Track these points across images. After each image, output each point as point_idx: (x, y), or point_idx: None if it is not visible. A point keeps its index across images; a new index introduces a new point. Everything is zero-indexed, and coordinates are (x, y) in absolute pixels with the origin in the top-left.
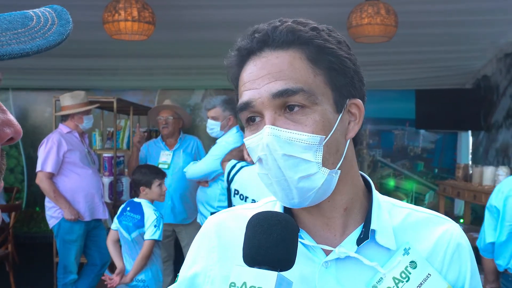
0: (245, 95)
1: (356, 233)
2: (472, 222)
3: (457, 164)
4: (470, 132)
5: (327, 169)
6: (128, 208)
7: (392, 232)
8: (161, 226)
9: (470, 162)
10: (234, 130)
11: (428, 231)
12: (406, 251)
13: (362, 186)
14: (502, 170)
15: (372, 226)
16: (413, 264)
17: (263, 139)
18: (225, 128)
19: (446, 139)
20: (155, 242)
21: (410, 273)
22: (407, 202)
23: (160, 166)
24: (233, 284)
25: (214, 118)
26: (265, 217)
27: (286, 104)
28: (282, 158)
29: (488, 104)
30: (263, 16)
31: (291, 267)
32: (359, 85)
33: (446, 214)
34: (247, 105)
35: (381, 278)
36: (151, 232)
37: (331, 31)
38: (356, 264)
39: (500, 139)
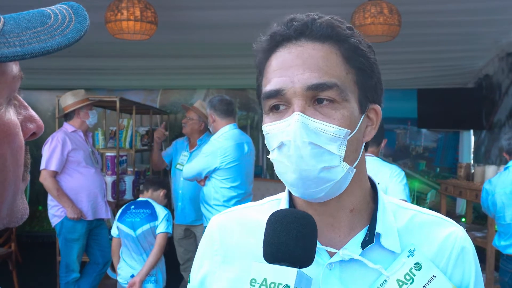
0: (276, 82)
1: (361, 235)
2: (474, 221)
3: (459, 163)
4: (472, 131)
5: (347, 165)
6: (133, 206)
7: (397, 235)
8: (171, 221)
9: (472, 161)
10: (226, 128)
11: (432, 234)
12: (411, 253)
13: (369, 188)
14: None
15: (377, 230)
16: (418, 265)
17: (291, 125)
18: (210, 126)
19: (448, 138)
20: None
21: (414, 275)
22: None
23: (178, 166)
24: (253, 281)
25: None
26: (284, 214)
27: (316, 97)
28: (309, 146)
29: (490, 103)
30: (266, 18)
31: (311, 263)
32: (380, 92)
33: (448, 213)
34: (277, 93)
35: (385, 280)
36: (164, 225)
37: (360, 36)
38: (360, 266)
39: (502, 138)
